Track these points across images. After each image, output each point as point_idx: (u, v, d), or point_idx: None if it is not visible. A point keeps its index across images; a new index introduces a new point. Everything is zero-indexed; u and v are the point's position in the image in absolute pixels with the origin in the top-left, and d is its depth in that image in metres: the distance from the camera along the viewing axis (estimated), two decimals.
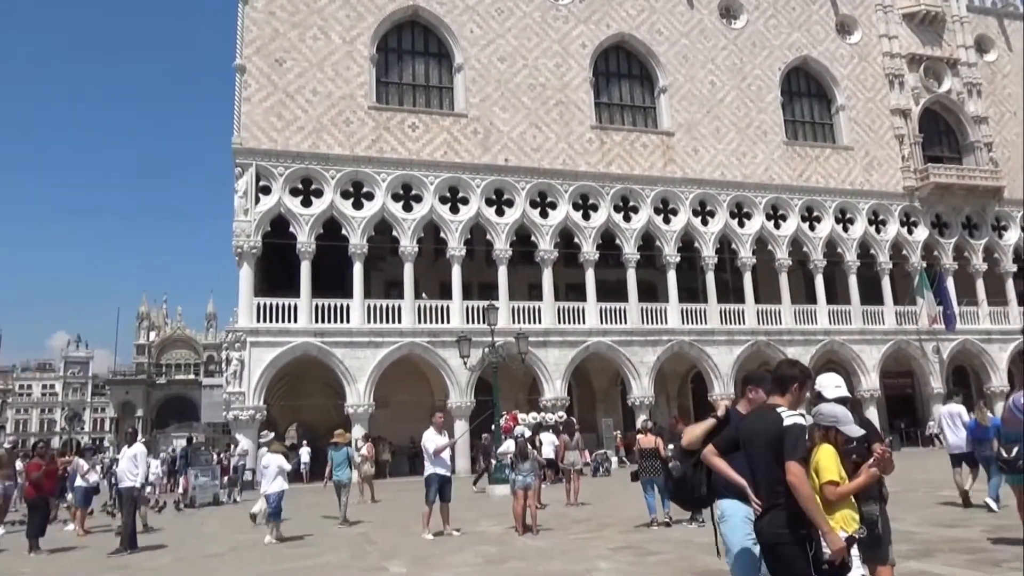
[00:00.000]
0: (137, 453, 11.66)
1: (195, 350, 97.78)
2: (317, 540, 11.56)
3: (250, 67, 27.53)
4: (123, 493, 11.49)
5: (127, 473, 11.39)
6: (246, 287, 26.24)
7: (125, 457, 11.67)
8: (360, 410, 26.35)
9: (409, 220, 28.18)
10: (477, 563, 8.79)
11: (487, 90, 30.27)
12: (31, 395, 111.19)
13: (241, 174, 26.64)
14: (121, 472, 11.57)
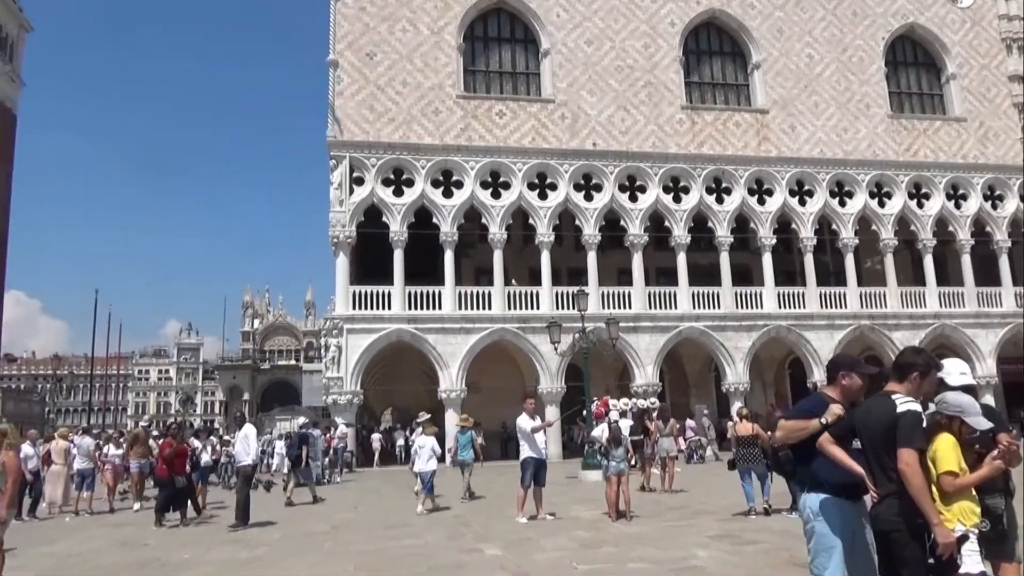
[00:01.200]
0: (248, 434, 12.27)
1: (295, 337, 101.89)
2: (413, 521, 11.87)
3: (342, 62, 28.28)
4: (239, 471, 12.20)
5: (241, 453, 12.12)
6: (342, 276, 27.11)
7: (238, 439, 12.39)
8: (452, 395, 26.83)
9: (498, 207, 28.37)
10: (571, 547, 8.82)
11: (574, 74, 30.03)
12: (148, 379, 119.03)
13: (336, 166, 27.47)
14: (237, 452, 12.34)
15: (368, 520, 12.25)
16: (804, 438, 4.05)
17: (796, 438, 4.07)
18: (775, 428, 4.63)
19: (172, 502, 12.31)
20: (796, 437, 4.06)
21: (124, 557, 9.22)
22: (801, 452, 4.10)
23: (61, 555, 9.53)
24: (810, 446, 3.98)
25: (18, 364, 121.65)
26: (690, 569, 7.42)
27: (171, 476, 12.12)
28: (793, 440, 4.10)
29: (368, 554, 8.81)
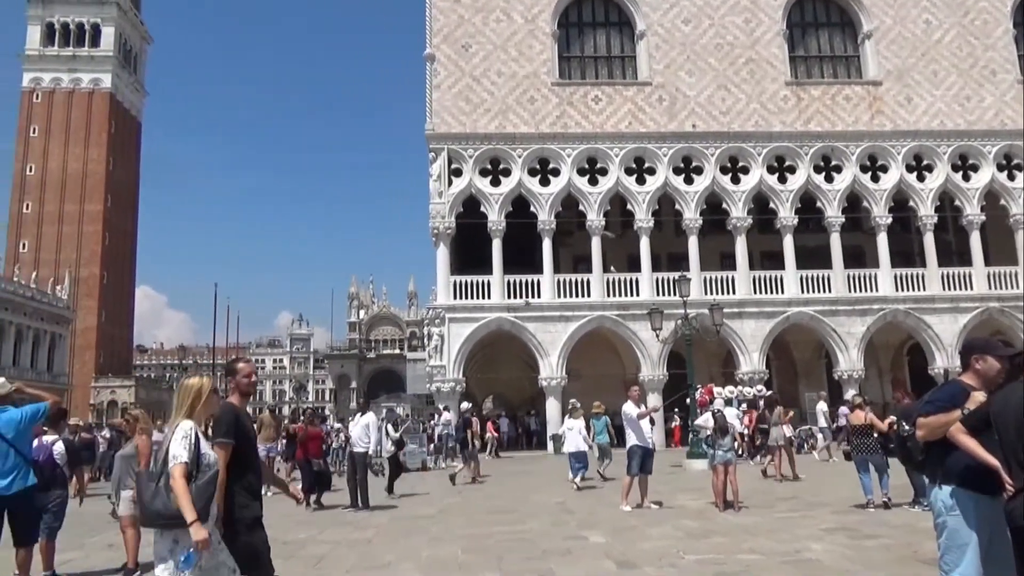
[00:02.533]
0: (369, 422, 12.36)
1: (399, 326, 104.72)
2: (516, 507, 11.98)
3: (439, 55, 28.68)
4: (356, 458, 12.26)
5: (360, 440, 12.20)
6: (443, 266, 27.61)
7: (358, 425, 12.41)
8: (553, 383, 26.91)
9: (595, 194, 28.13)
10: (678, 536, 8.67)
11: (671, 55, 29.32)
12: (264, 368, 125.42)
13: (435, 158, 27.95)
14: (355, 439, 12.38)
15: (473, 505, 12.45)
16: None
17: (939, 433, 3.75)
18: (907, 418, 4.32)
19: (315, 484, 12.65)
20: (940, 432, 3.75)
21: None
22: (932, 442, 3.83)
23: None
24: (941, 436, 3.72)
25: (148, 354, 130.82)
26: (805, 562, 7.14)
27: (307, 459, 12.57)
28: (937, 436, 3.78)
29: (473, 538, 8.96)
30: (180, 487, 3.57)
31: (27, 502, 6.24)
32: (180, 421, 3.79)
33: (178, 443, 3.69)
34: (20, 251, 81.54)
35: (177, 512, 3.55)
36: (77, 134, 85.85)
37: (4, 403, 6.41)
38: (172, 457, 3.65)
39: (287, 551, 8.31)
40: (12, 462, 6.12)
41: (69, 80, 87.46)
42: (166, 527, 3.61)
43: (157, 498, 3.61)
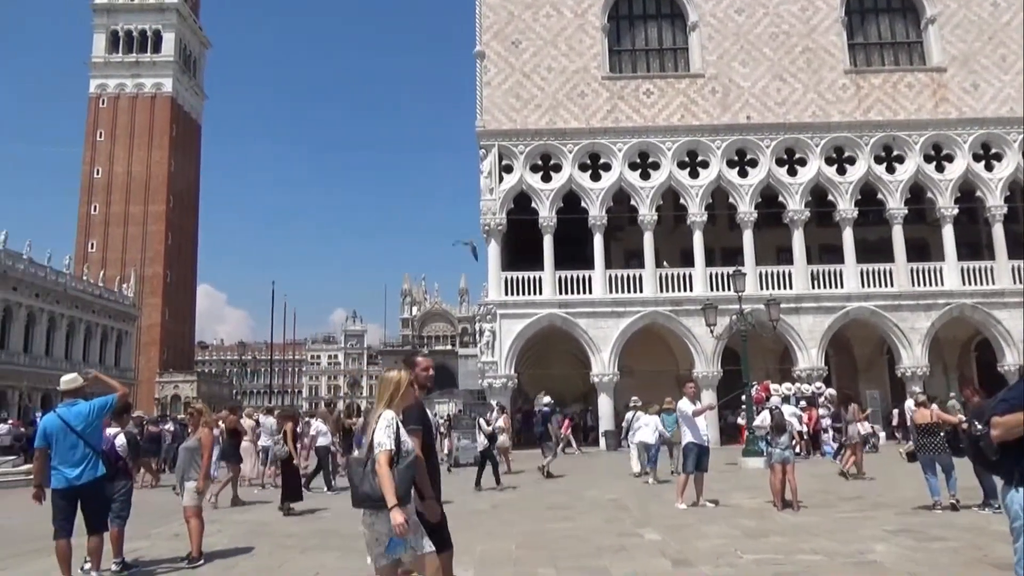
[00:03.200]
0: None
1: (451, 323, 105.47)
2: (571, 503, 11.94)
3: (489, 52, 28.74)
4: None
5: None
6: (494, 263, 27.69)
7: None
8: (605, 379, 26.75)
9: (647, 188, 27.83)
10: (735, 535, 8.53)
11: (724, 46, 28.79)
12: (320, 364, 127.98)
13: (485, 155, 28.03)
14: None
15: (527, 501, 12.47)
16: None
17: (1016, 433, 3.57)
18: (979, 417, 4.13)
19: None
20: (1016, 432, 3.56)
21: (305, 527, 9.96)
22: (1007, 442, 3.65)
23: (251, 523, 10.44)
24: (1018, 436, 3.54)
25: (209, 350, 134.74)
26: (868, 564, 6.94)
27: None
28: (1013, 436, 3.60)
29: (528, 534, 8.97)
30: (384, 473, 3.88)
31: (97, 491, 6.52)
32: (382, 411, 4.10)
33: (383, 431, 3.99)
34: (89, 251, 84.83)
35: (382, 495, 3.87)
36: (141, 137, 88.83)
37: (76, 396, 6.69)
38: (377, 444, 3.96)
39: (345, 543, 8.45)
40: (82, 453, 6.39)
41: (133, 86, 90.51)
42: (372, 508, 3.95)
43: (365, 482, 3.94)
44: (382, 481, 3.87)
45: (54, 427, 6.42)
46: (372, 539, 3.98)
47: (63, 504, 6.36)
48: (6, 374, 51.77)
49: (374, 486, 3.89)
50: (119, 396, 6.85)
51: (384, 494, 3.85)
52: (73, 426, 6.39)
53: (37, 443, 6.61)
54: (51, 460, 6.39)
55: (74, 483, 6.34)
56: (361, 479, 3.96)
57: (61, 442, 6.38)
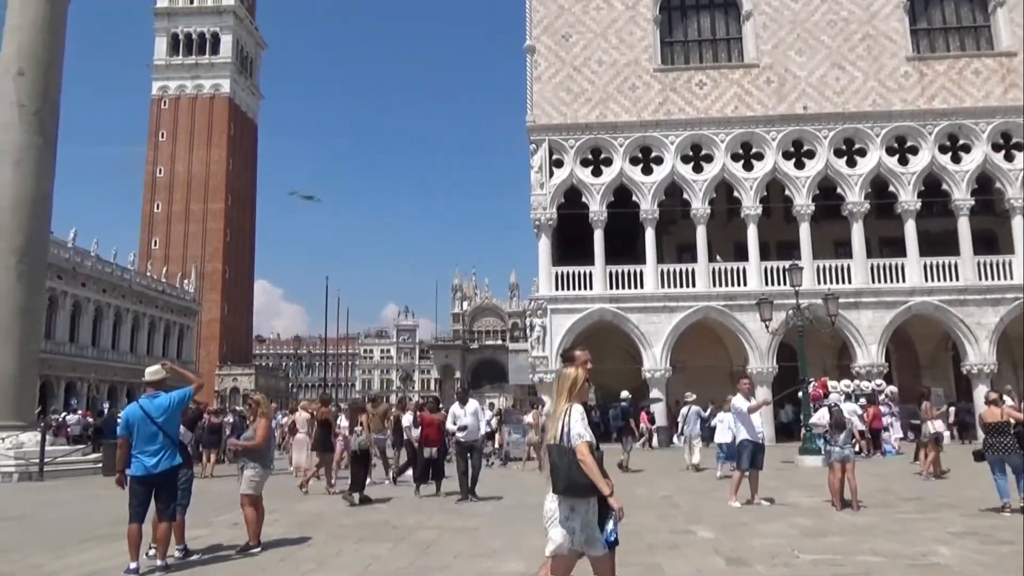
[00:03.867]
0: (476, 409, 12.20)
1: (501, 318, 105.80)
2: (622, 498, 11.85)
3: (539, 46, 28.66)
4: (473, 446, 11.93)
5: (474, 429, 11.90)
6: (545, 257, 27.64)
7: (467, 414, 12.05)
8: (657, 374, 26.49)
9: (700, 181, 27.41)
10: (792, 535, 8.34)
11: (780, 34, 28.12)
12: (372, 358, 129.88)
13: (535, 150, 27.98)
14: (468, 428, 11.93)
15: None
16: None
17: None
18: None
19: (426, 472, 12.67)
20: None
21: (359, 519, 10.11)
22: None
23: (307, 513, 10.66)
24: None
25: (266, 344, 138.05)
26: (932, 567, 6.71)
27: (422, 446, 12.74)
28: None
29: None
30: (591, 462, 4.09)
31: (172, 480, 6.79)
32: (571, 405, 4.31)
33: (579, 423, 4.20)
34: (152, 248, 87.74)
35: (588, 483, 4.07)
36: (200, 137, 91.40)
37: (158, 388, 6.96)
38: (576, 436, 4.16)
39: (397, 535, 8.56)
40: (160, 443, 6.66)
41: (192, 87, 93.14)
42: (580, 497, 4.11)
43: (572, 471, 4.11)
44: (590, 470, 4.06)
45: (136, 417, 6.70)
46: (579, 526, 4.13)
47: (139, 491, 6.62)
48: (76, 366, 53.95)
49: (582, 475, 4.08)
50: (195, 388, 7.12)
51: (596, 483, 4.06)
52: (153, 417, 6.66)
53: (120, 432, 6.89)
54: (132, 448, 6.66)
55: (151, 471, 6.61)
56: (567, 468, 4.12)
57: (141, 431, 6.65)
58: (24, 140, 18.11)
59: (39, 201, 18.40)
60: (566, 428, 4.21)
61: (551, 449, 4.26)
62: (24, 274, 17.74)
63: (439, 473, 12.74)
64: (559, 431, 4.24)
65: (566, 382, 4.43)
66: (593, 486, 4.07)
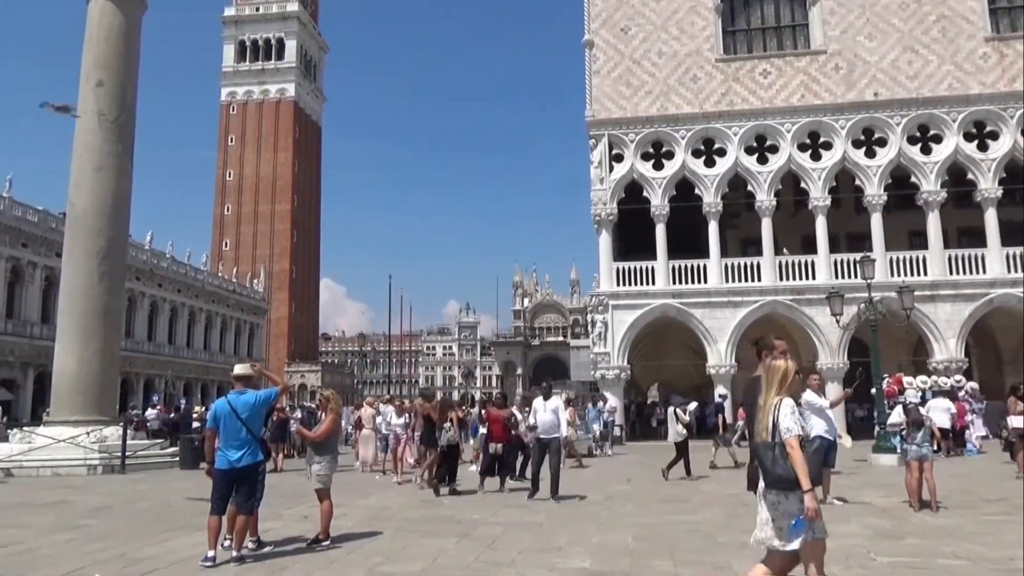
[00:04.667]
0: (558, 406, 11.64)
1: (562, 314, 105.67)
2: (688, 496, 11.69)
3: (597, 41, 28.44)
4: (550, 443, 11.48)
5: (551, 426, 11.44)
6: (605, 253, 27.44)
7: (547, 410, 11.60)
8: (722, 370, 26.02)
9: (765, 173, 26.78)
10: (866, 535, 8.07)
11: (849, 19, 27.21)
12: (435, 355, 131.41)
13: (595, 145, 27.79)
14: (544, 424, 11.54)
15: (642, 493, 12.30)
16: None
17: None
18: None
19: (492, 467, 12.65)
20: None
21: (425, 513, 10.24)
22: None
23: (374, 507, 10.85)
24: None
25: (331, 342, 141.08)
26: (1020, 573, 6.38)
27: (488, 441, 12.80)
28: None
29: (644, 527, 8.84)
30: (798, 456, 4.09)
31: (253, 475, 6.99)
32: (782, 398, 4.30)
33: (788, 417, 4.19)
34: (223, 249, 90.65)
35: (794, 476, 4.07)
36: (267, 140, 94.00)
37: (245, 384, 7.20)
38: (785, 430, 4.16)
39: (462, 530, 8.64)
40: (244, 439, 6.89)
41: (259, 92, 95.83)
42: (782, 489, 4.14)
43: (776, 464, 4.14)
44: (796, 465, 4.06)
45: (223, 412, 6.96)
46: (777, 518, 4.16)
47: (222, 484, 6.87)
48: (154, 364, 56.25)
49: (787, 468, 4.09)
50: (280, 390, 7.36)
51: (799, 477, 4.04)
52: (239, 413, 6.89)
53: (208, 424, 7.18)
54: (218, 442, 6.92)
55: (235, 465, 6.85)
56: (773, 461, 4.14)
57: (227, 426, 6.90)
58: (104, 147, 18.94)
59: (119, 205, 19.22)
60: (776, 421, 4.21)
61: (758, 444, 4.26)
62: (106, 275, 18.57)
63: (504, 469, 12.76)
64: (769, 424, 4.23)
65: (776, 374, 4.38)
66: (799, 481, 4.06)
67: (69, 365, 18.08)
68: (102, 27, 19.43)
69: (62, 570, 6.60)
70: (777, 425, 4.19)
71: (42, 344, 40.04)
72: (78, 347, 18.06)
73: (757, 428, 4.36)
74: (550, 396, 12.00)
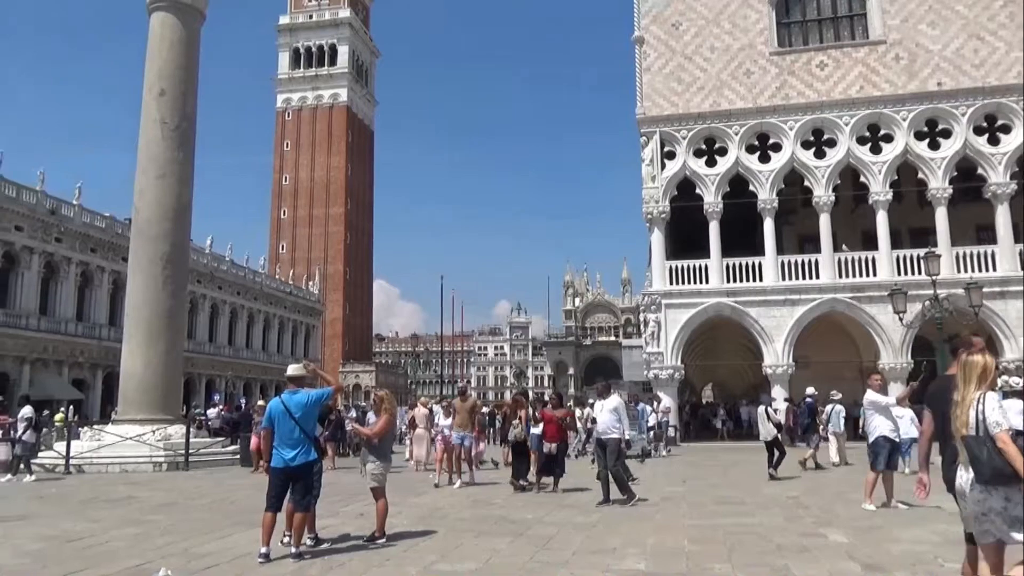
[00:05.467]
0: (616, 406, 11.38)
1: (614, 313, 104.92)
2: (745, 499, 11.47)
3: (648, 37, 28.15)
4: (607, 444, 11.17)
5: (611, 426, 11.19)
6: (657, 251, 27.14)
7: (605, 410, 11.40)
8: (779, 370, 25.46)
9: (822, 167, 26.12)
10: (934, 541, 7.77)
11: (909, 7, 26.35)
12: (486, 355, 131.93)
13: (646, 143, 27.51)
14: (605, 425, 11.32)
15: (697, 495, 12.12)
16: None
17: None
18: None
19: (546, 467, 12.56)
20: None
21: (477, 512, 10.27)
22: None
23: (427, 506, 10.93)
24: None
25: (385, 342, 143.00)
26: None
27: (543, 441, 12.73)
28: None
29: (700, 528, 8.70)
30: (1012, 450, 4.05)
31: (307, 474, 7.11)
32: (983, 393, 4.27)
33: (996, 411, 4.17)
34: (280, 252, 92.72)
35: (1012, 471, 4.03)
36: (321, 145, 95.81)
37: (299, 384, 7.34)
38: (994, 424, 4.14)
39: (515, 529, 8.63)
40: (298, 438, 7.02)
41: (313, 98, 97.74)
42: (1003, 484, 4.09)
43: (993, 459, 4.10)
44: (1012, 460, 4.02)
45: (277, 411, 7.11)
46: (989, 513, 4.14)
47: (277, 481, 7.01)
48: (215, 364, 57.86)
49: (1002, 463, 4.05)
50: (334, 390, 7.46)
51: (1018, 472, 3.99)
52: (292, 412, 7.02)
53: (264, 424, 7.34)
54: (273, 440, 7.07)
55: (289, 464, 6.98)
56: (990, 457, 4.11)
57: (282, 425, 7.04)
58: (166, 155, 19.57)
59: (181, 211, 19.83)
60: (981, 417, 4.16)
61: (967, 440, 4.21)
62: (169, 279, 19.17)
63: (558, 469, 12.69)
64: (970, 420, 4.19)
65: (975, 369, 4.33)
66: (1017, 475, 3.99)
67: (136, 366, 18.73)
68: (164, 39, 20.07)
69: (130, 563, 6.83)
70: (982, 420, 4.14)
71: (110, 346, 41.56)
72: (144, 349, 18.69)
73: (954, 425, 4.30)
74: (608, 395, 11.78)
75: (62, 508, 11.04)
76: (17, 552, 7.44)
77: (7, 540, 8.10)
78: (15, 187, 40.73)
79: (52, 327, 42.99)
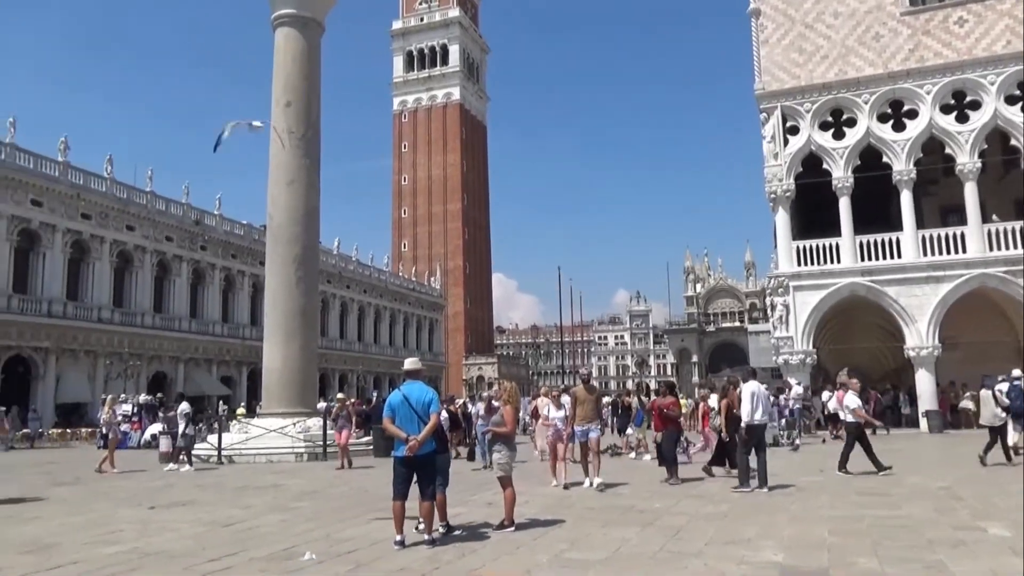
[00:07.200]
0: (755, 391, 11.23)
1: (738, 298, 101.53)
2: (889, 490, 10.80)
3: (764, 8, 26.98)
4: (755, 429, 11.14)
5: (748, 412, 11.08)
6: (783, 232, 26.02)
7: (743, 396, 11.31)
8: (923, 352, 23.83)
9: (966, 132, 24.15)
10: None
11: None
12: (607, 344, 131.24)
13: (767, 119, 26.40)
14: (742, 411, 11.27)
15: (837, 485, 11.53)
16: None
17: None
18: None
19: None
20: None
21: (606, 502, 10.23)
22: None
23: (554, 496, 11.00)
24: None
25: (506, 334, 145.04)
26: None
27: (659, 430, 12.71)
28: None
29: (841, 520, 8.27)
30: None
31: (429, 463, 7.34)
32: None
33: None
34: (402, 250, 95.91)
35: None
36: (436, 144, 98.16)
37: (416, 377, 7.59)
38: None
39: (644, 519, 8.54)
40: (418, 428, 7.22)
41: (427, 98, 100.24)
42: None
43: None
44: None
45: (397, 403, 7.36)
46: None
47: (401, 471, 7.27)
48: (346, 359, 60.77)
49: None
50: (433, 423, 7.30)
51: None
52: (412, 403, 7.26)
53: (385, 413, 7.62)
54: None
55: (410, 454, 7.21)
56: None
57: (402, 416, 7.29)
58: (294, 163, 20.66)
59: (310, 215, 20.90)
60: None
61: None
62: (302, 280, 20.27)
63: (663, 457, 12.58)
64: None
65: None
66: None
67: (276, 362, 19.96)
68: (288, 52, 21.18)
69: (279, 547, 7.28)
70: None
71: (252, 344, 44.49)
72: (283, 346, 19.88)
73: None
74: (748, 380, 11.72)
75: (218, 496, 11.93)
76: (180, 536, 8.10)
77: (171, 526, 8.84)
78: (164, 201, 44.37)
79: (201, 328, 46.68)
